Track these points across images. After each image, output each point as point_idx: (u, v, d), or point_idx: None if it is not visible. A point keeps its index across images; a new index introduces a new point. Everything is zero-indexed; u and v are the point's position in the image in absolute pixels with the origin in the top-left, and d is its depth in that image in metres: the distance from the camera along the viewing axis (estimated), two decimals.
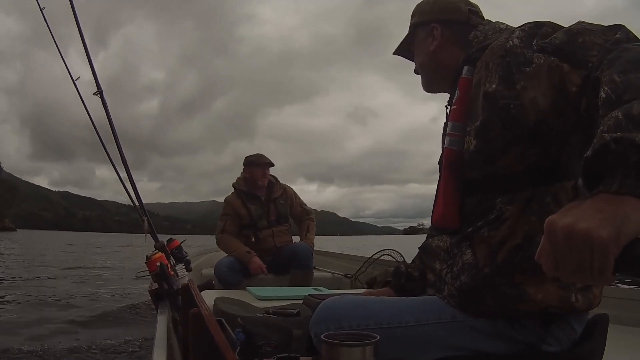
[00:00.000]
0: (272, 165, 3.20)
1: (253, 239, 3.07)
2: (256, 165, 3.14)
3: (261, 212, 3.12)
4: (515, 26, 0.89)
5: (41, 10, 2.32)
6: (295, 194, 3.37)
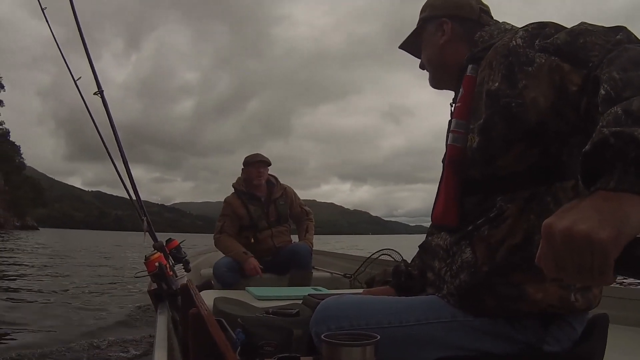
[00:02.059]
0: (268, 164, 3.17)
1: (252, 240, 3.07)
2: (250, 164, 3.12)
3: (261, 213, 3.10)
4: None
5: (42, 10, 2.31)
6: (295, 194, 3.35)
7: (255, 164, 3.12)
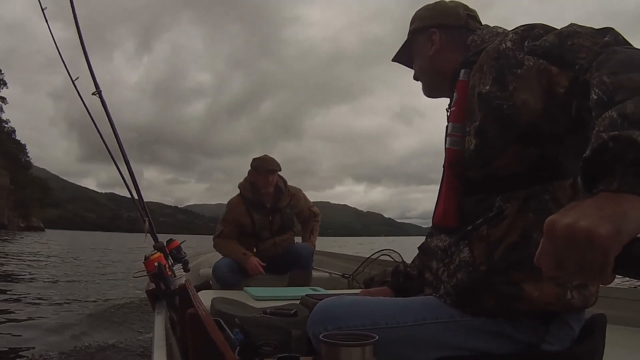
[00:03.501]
0: (278, 170, 2.98)
1: (254, 250, 3.00)
2: (258, 172, 2.93)
3: (264, 224, 2.98)
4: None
5: (42, 10, 2.31)
6: (304, 198, 3.19)
7: (264, 173, 2.91)
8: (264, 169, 2.92)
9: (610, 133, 0.52)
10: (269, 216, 3.01)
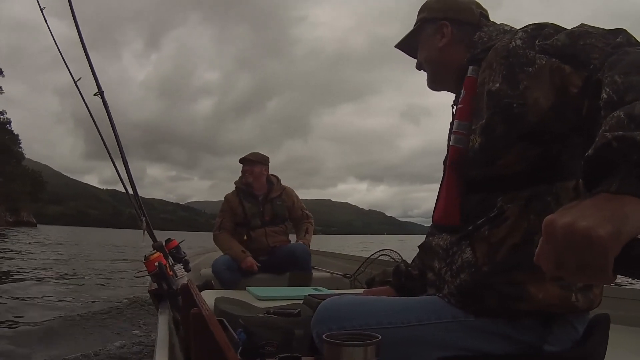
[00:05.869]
0: (257, 162, 3.18)
1: (245, 237, 3.10)
2: (242, 162, 3.20)
3: (255, 212, 3.14)
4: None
5: (41, 10, 2.31)
6: (296, 197, 3.35)
7: (245, 162, 3.18)
8: (244, 159, 3.18)
9: (615, 133, 0.52)
10: (259, 206, 3.17)
